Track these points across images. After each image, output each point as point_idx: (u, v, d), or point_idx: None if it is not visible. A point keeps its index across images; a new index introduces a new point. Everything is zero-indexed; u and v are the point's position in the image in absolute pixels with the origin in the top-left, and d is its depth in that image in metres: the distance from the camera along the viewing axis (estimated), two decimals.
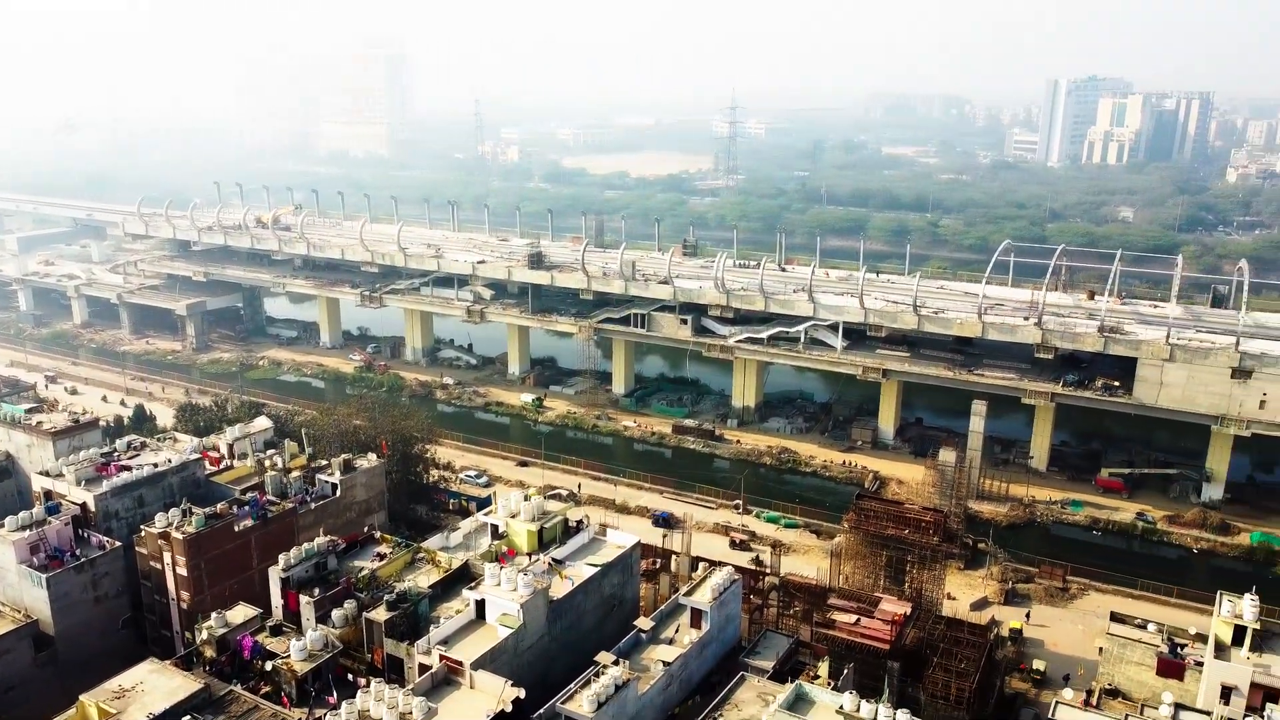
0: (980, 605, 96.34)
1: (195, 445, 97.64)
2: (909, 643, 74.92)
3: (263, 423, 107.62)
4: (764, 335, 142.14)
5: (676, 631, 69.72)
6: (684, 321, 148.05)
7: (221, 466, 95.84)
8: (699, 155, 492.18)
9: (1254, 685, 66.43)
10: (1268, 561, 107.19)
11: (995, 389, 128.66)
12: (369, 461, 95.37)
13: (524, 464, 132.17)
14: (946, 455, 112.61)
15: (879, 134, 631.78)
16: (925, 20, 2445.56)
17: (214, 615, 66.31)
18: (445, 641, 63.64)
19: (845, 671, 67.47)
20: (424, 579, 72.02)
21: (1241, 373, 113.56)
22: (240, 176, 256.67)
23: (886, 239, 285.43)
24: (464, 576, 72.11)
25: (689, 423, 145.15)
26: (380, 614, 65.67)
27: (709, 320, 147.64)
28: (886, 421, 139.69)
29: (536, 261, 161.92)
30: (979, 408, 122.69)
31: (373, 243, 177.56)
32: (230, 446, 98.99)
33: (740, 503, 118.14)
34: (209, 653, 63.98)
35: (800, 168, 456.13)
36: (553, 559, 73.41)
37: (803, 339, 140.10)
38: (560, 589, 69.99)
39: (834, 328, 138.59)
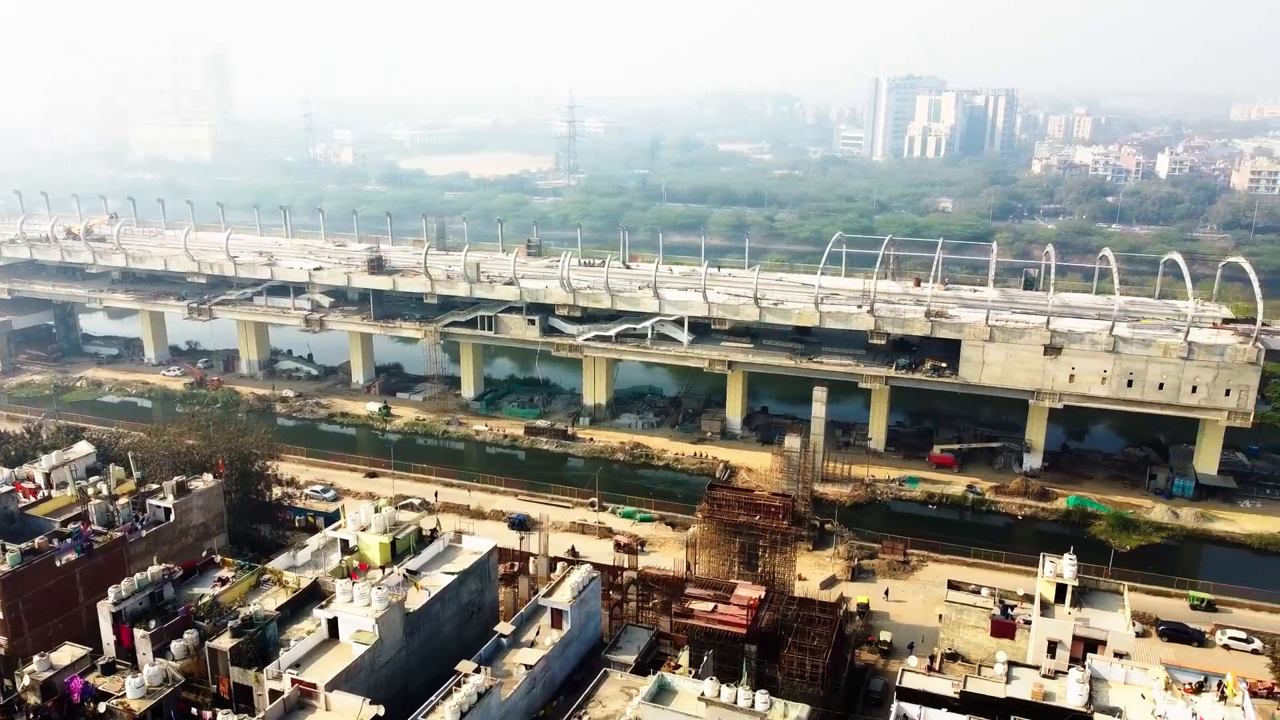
0: (829, 583, 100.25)
1: (6, 476, 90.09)
2: (764, 625, 77.14)
3: (83, 448, 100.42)
4: (612, 332, 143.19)
5: (538, 633, 69.40)
6: (531, 322, 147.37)
7: (38, 498, 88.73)
8: (540, 155, 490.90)
9: (1076, 638, 72.01)
10: (1083, 523, 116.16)
11: (834, 375, 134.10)
12: (205, 483, 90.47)
13: (373, 475, 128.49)
14: (792, 441, 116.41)
15: (715, 132, 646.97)
16: (755, 20, 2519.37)
17: (37, 659, 61.43)
18: (297, 664, 61.17)
19: (705, 659, 68.86)
20: (271, 601, 68.97)
21: (1053, 349, 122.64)
22: (45, 184, 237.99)
23: (726, 234, 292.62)
24: (314, 595, 69.49)
25: (541, 423, 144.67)
26: (224, 642, 62.45)
27: (557, 320, 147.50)
28: (734, 412, 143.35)
29: (377, 266, 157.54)
30: (820, 394, 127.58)
31: (199, 252, 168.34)
32: (47, 475, 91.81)
33: (595, 500, 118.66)
34: (33, 699, 59.21)
35: (640, 165, 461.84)
36: (407, 570, 71.73)
37: (650, 335, 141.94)
38: (416, 600, 68.47)
39: (679, 322, 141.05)
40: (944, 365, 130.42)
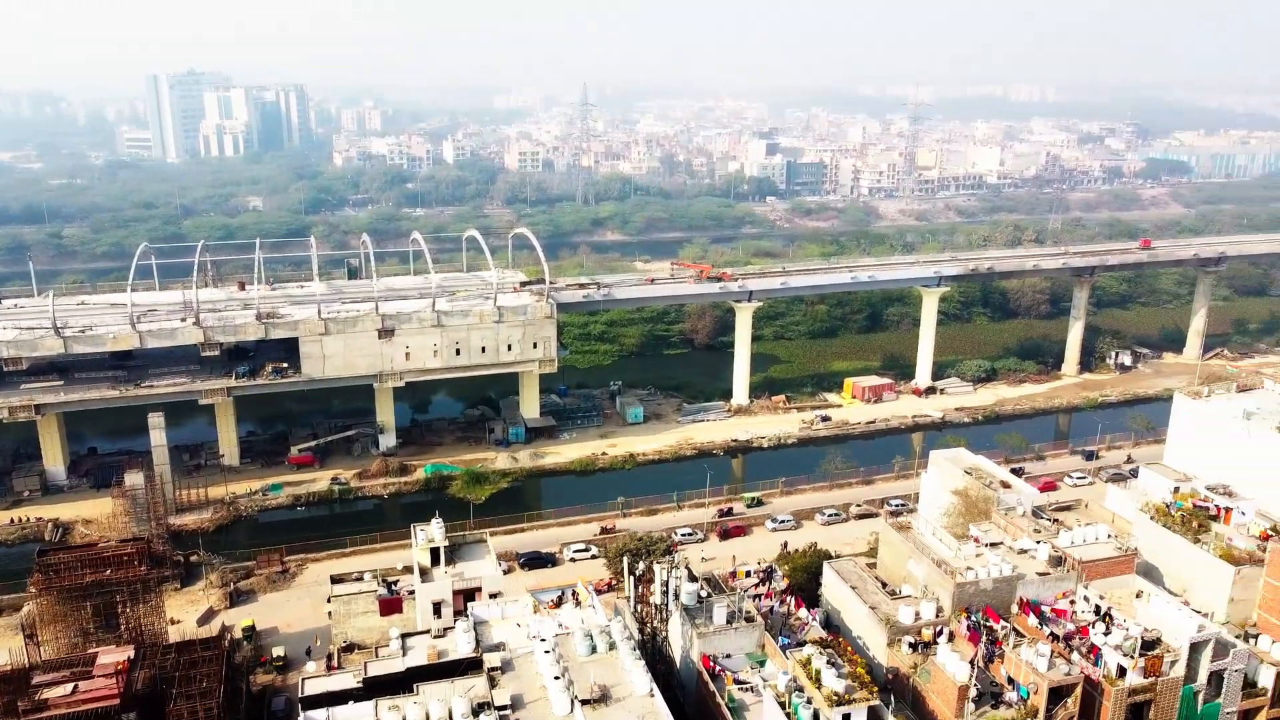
0: (207, 617, 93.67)
1: None
2: (141, 687, 69.28)
3: None
4: None
5: None
6: None
7: None
8: None
9: (456, 592, 77.86)
10: (442, 487, 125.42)
11: (169, 397, 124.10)
12: None
13: None
14: (133, 479, 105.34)
15: None
16: None
17: None
18: None
19: None
20: None
21: (386, 333, 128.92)
22: None
23: (2, 259, 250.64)
24: None
25: None
26: None
27: None
28: (54, 461, 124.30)
29: None
30: (156, 420, 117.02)
31: None
32: None
33: None
34: None
35: None
36: None
37: None
38: None
39: None
40: (286, 366, 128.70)
